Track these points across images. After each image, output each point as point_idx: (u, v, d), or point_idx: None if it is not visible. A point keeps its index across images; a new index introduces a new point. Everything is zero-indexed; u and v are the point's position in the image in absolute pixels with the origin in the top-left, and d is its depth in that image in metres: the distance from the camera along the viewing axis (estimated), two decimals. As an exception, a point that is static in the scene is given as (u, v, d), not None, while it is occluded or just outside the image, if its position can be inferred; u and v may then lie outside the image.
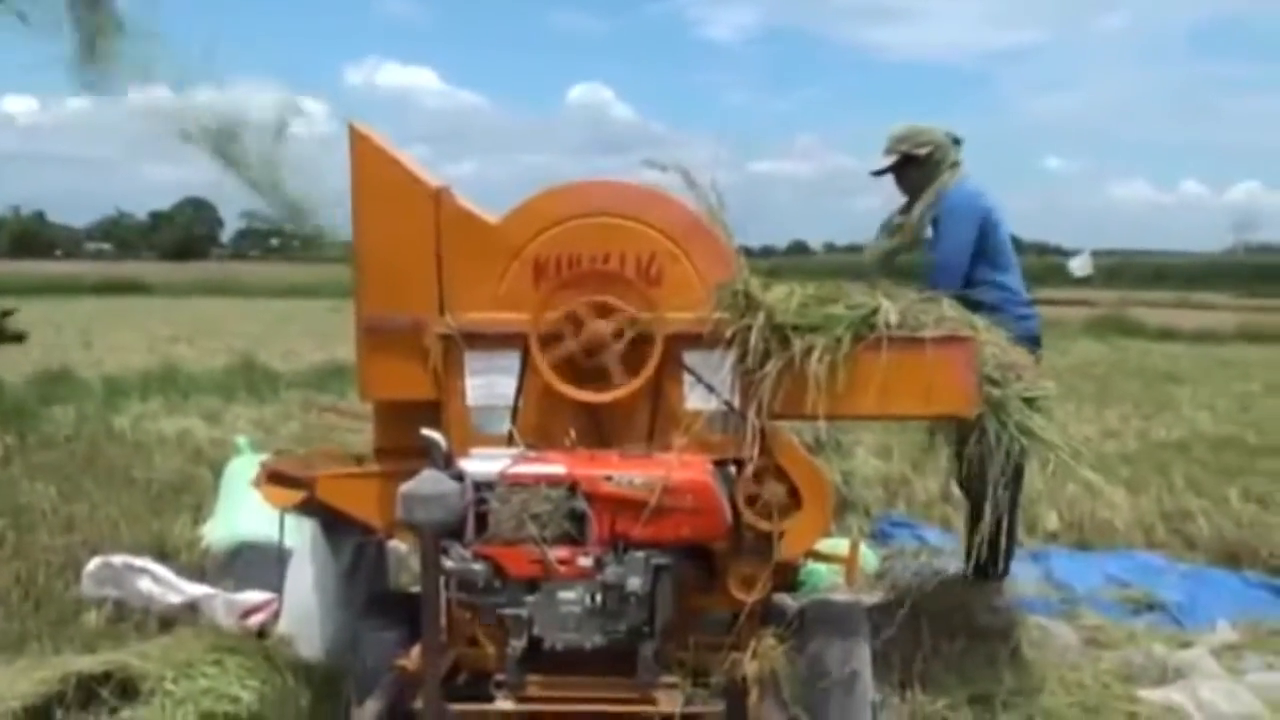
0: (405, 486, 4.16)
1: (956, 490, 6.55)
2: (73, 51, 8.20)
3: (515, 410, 4.66)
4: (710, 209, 4.62)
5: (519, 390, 4.66)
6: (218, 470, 9.05)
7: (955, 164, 6.49)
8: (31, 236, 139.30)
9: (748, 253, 4.67)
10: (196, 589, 6.56)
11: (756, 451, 4.49)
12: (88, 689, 4.98)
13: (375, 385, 4.74)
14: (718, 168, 4.66)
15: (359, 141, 4.64)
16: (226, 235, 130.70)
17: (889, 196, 6.69)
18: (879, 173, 6.59)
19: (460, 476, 4.24)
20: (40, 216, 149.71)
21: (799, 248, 77.88)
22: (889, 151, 6.53)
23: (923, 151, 6.44)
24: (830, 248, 73.41)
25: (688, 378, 4.61)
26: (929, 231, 6.48)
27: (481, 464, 4.31)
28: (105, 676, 5.03)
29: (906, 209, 6.58)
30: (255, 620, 6.09)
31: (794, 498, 4.52)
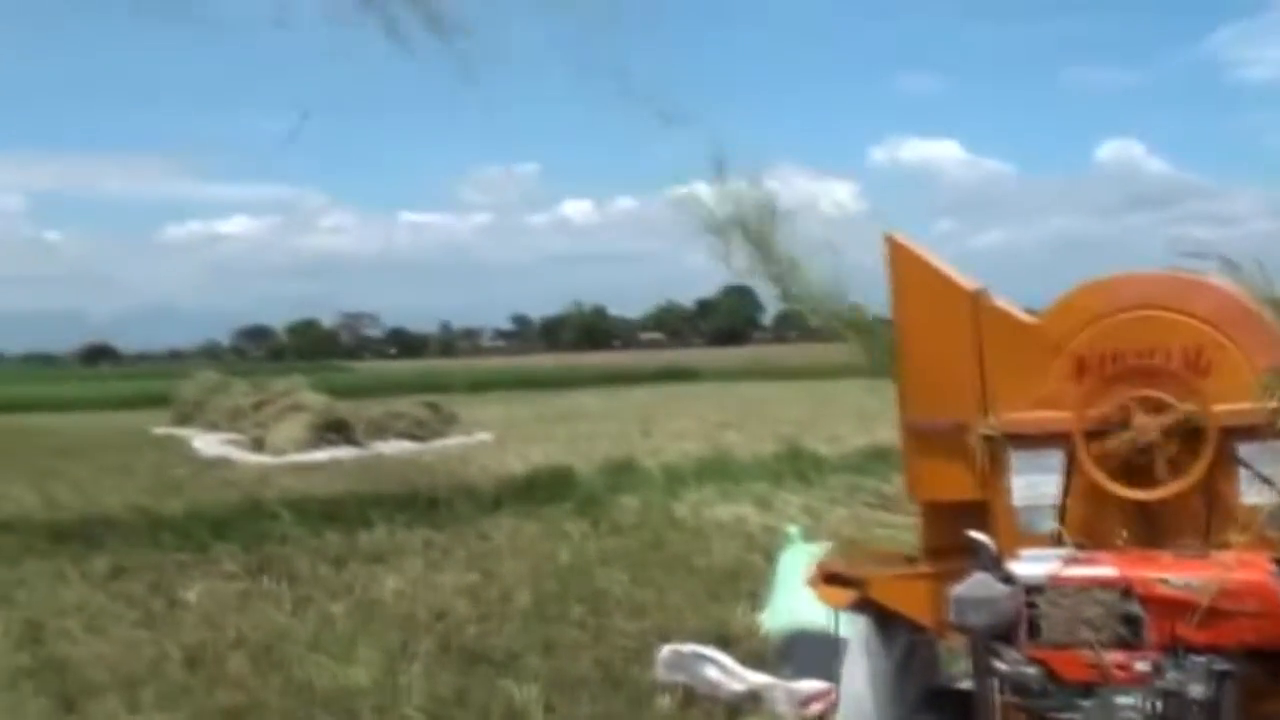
0: (956, 590, 4.23)
1: None
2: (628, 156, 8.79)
3: (1062, 509, 4.62)
4: (1256, 291, 4.42)
5: (1065, 489, 4.62)
6: (770, 557, 9.46)
7: None
8: (593, 329, 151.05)
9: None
10: (758, 678, 6.88)
11: (1323, 549, 4.21)
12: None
13: (921, 486, 4.86)
14: (1257, 218, 4.42)
15: (895, 249, 4.81)
16: (767, 318, 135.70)
17: None
18: None
19: (1009, 579, 4.25)
20: (600, 310, 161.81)
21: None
22: None
23: None
24: None
25: (1243, 471, 4.40)
26: None
27: (1030, 566, 4.30)
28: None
29: None
30: (814, 709, 6.30)
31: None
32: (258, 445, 25.14)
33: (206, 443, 27.33)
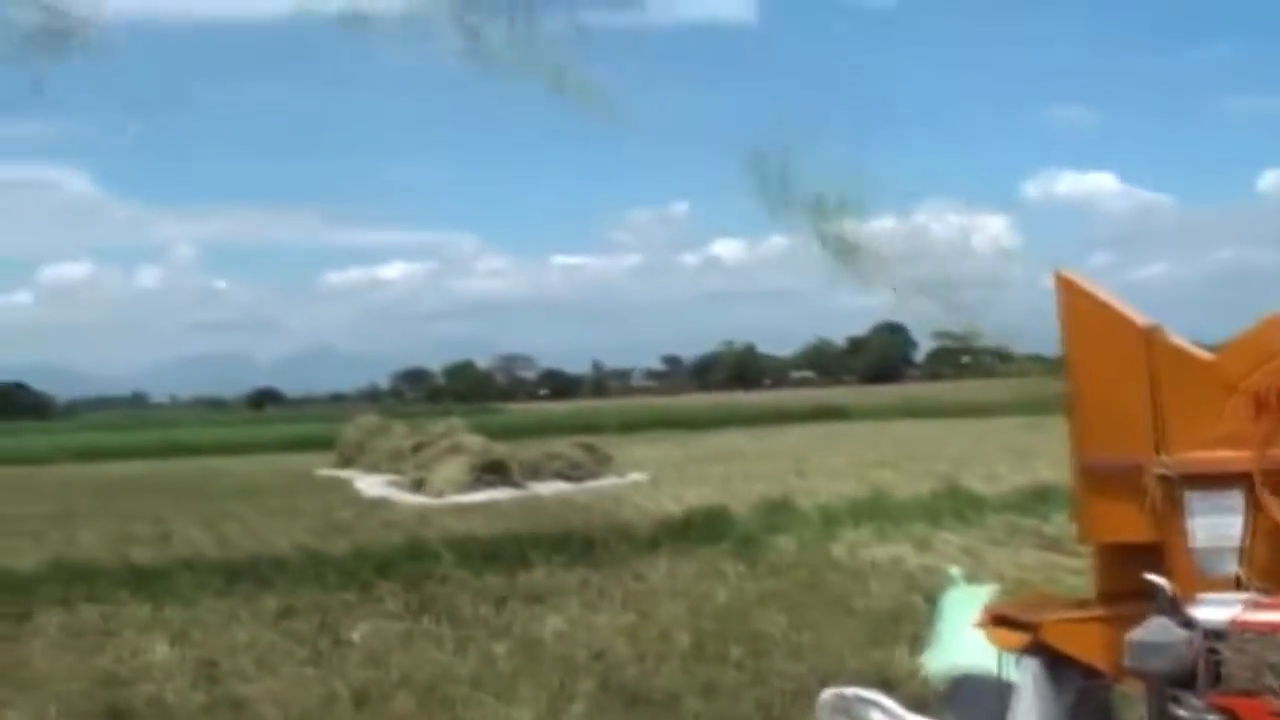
0: (1133, 634, 4.12)
1: None
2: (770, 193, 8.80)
3: (1243, 552, 4.47)
4: None
5: (1246, 530, 4.47)
6: (931, 599, 9.29)
7: None
8: (744, 368, 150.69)
9: None
10: (922, 722, 6.75)
11: None
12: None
13: (1095, 528, 4.75)
14: None
15: (1066, 286, 4.72)
16: (919, 355, 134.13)
17: None
18: None
19: (1189, 623, 4.13)
20: (751, 349, 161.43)
21: None
22: None
23: None
24: None
25: None
26: None
27: (1212, 610, 4.17)
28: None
29: None
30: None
31: None
32: (418, 486, 25.63)
33: (368, 484, 27.98)
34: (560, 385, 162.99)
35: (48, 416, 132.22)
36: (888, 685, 7.87)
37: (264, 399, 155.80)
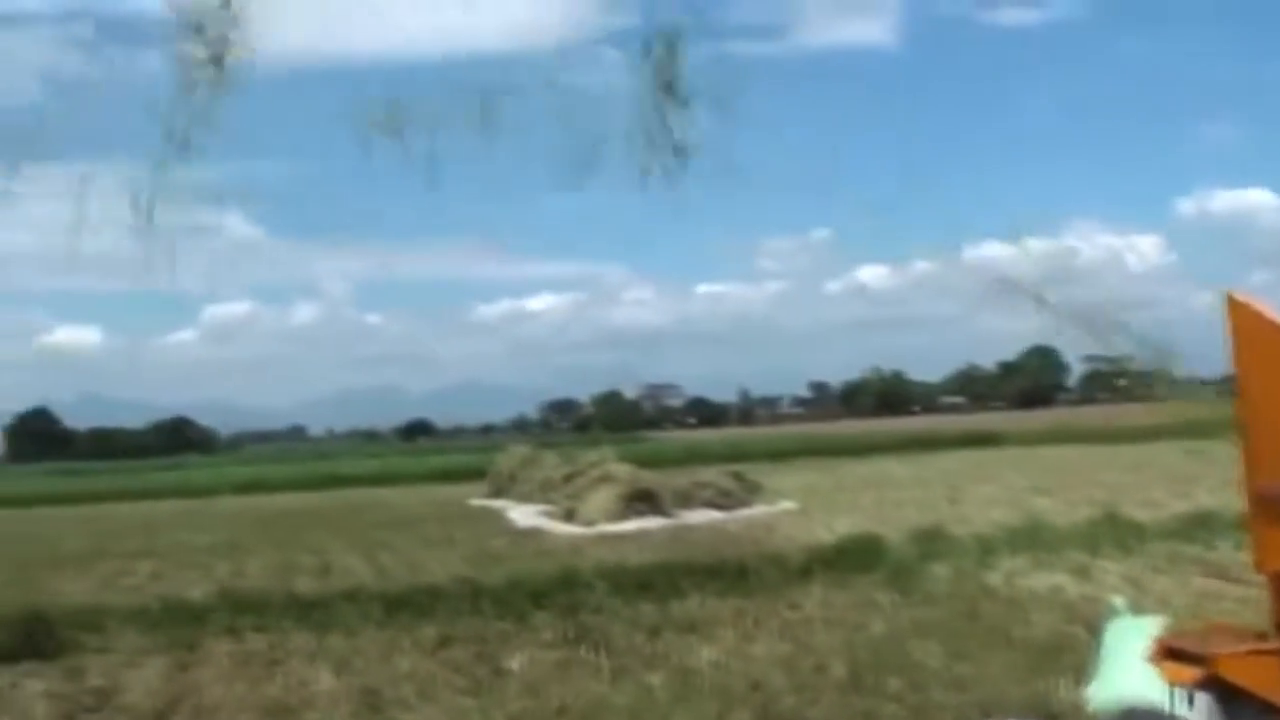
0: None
1: None
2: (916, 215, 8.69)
3: None
4: None
5: None
6: (1093, 629, 9.11)
7: None
8: (892, 394, 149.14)
9: None
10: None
11: None
12: None
13: (1270, 556, 4.63)
14: None
15: (1238, 309, 4.62)
16: (1072, 380, 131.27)
17: None
18: None
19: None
20: (899, 375, 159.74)
21: None
22: None
23: None
24: None
25: None
26: None
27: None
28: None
29: None
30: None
31: None
32: (569, 516, 25.85)
33: (521, 514, 28.34)
34: (707, 413, 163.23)
35: (211, 450, 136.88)
36: (1051, 718, 7.75)
37: (416, 431, 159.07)
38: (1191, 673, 4.91)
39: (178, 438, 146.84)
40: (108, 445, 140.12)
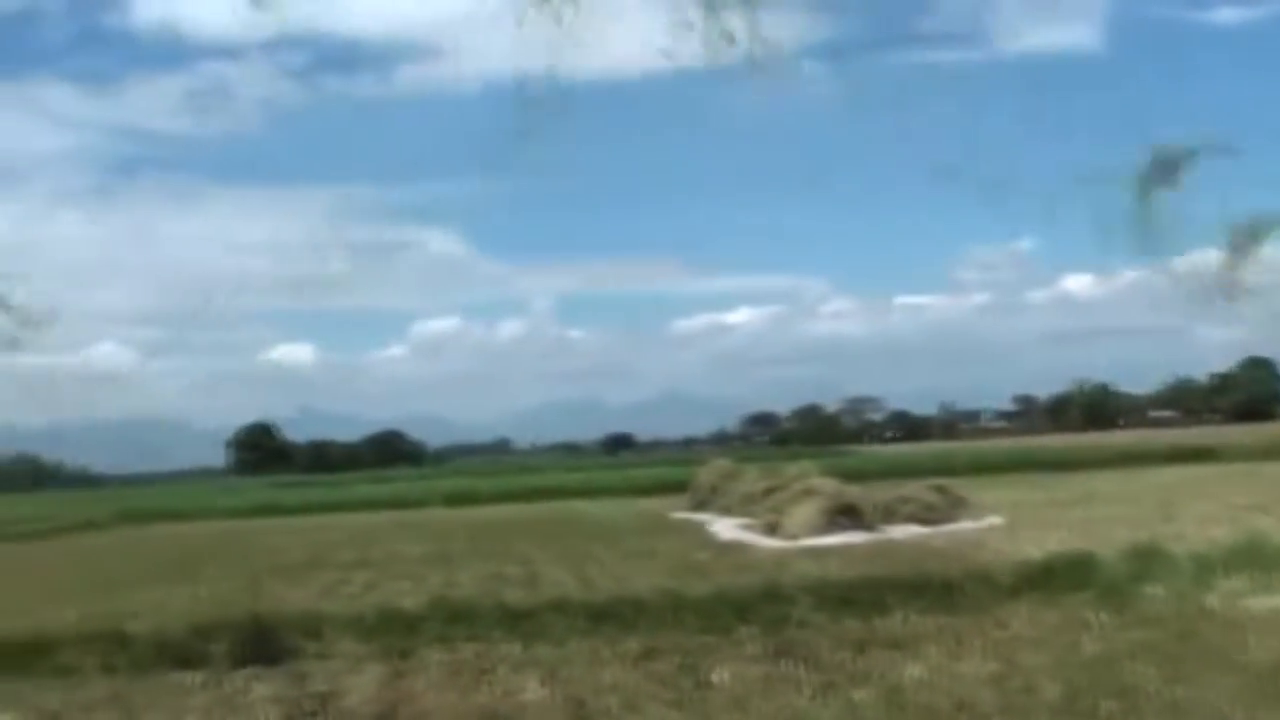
0: None
1: None
2: (1132, 224, 8.45)
3: None
4: None
5: None
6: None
7: None
8: (1099, 407, 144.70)
9: None
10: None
11: None
12: None
13: None
14: None
15: None
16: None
17: None
18: None
19: None
20: (1104, 388, 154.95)
21: None
22: None
23: None
24: None
25: None
26: None
27: None
28: None
29: None
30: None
31: None
32: (771, 529, 25.86)
33: (723, 527, 28.48)
34: (909, 427, 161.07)
35: (420, 463, 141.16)
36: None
37: (618, 443, 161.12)
38: None
39: (389, 450, 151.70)
40: (323, 458, 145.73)
